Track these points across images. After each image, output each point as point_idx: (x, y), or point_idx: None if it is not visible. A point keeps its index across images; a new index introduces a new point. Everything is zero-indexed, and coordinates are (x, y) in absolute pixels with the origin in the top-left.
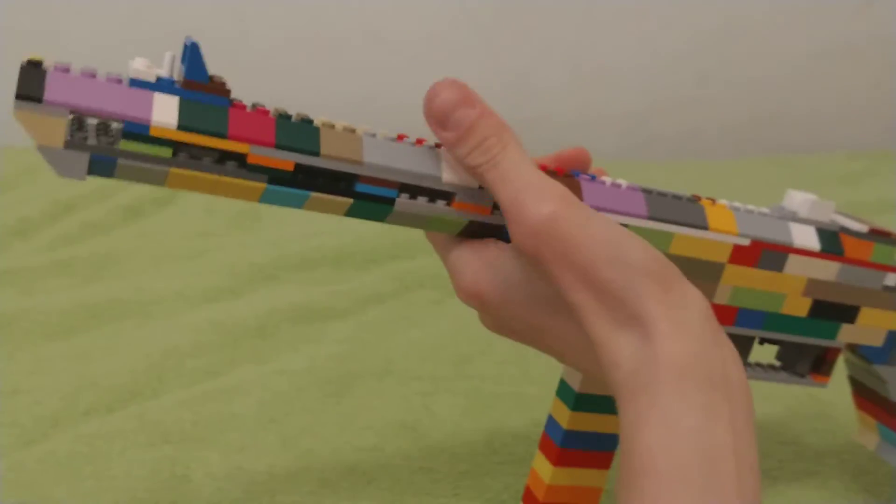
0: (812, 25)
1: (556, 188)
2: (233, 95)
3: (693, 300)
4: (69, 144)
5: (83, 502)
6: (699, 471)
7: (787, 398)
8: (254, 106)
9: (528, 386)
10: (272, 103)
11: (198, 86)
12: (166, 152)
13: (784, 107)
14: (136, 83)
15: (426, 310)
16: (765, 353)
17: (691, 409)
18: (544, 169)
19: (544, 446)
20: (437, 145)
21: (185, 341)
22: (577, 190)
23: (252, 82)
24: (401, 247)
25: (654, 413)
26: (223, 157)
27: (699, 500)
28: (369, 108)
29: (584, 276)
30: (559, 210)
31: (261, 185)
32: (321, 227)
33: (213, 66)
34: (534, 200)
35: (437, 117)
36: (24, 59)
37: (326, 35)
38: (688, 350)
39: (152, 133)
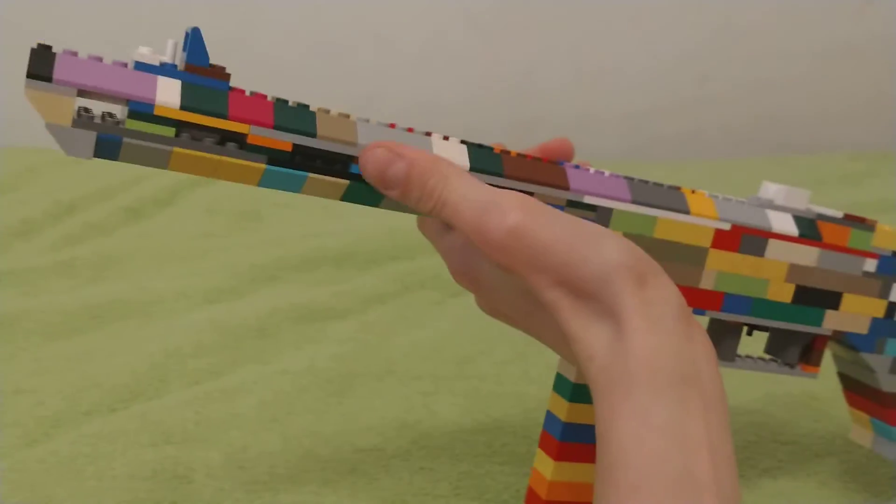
0: (812, 25)
1: (511, 198)
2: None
3: (668, 296)
4: (77, 123)
5: (85, 502)
6: (673, 463)
7: (786, 399)
8: (252, 93)
9: (528, 386)
10: None
11: (199, 70)
12: (170, 132)
13: (784, 107)
14: (140, 66)
15: (427, 310)
16: (755, 350)
17: (664, 404)
18: (529, 158)
19: (544, 443)
20: (428, 133)
21: (187, 341)
22: (562, 176)
23: (253, 84)
24: (401, 248)
25: (626, 407)
26: (224, 137)
27: (674, 492)
28: (370, 110)
29: (556, 276)
30: (520, 219)
31: (260, 167)
32: (322, 227)
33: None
34: (492, 218)
35: (376, 181)
36: (35, 43)
37: (328, 36)
38: (660, 345)
39: (156, 112)
